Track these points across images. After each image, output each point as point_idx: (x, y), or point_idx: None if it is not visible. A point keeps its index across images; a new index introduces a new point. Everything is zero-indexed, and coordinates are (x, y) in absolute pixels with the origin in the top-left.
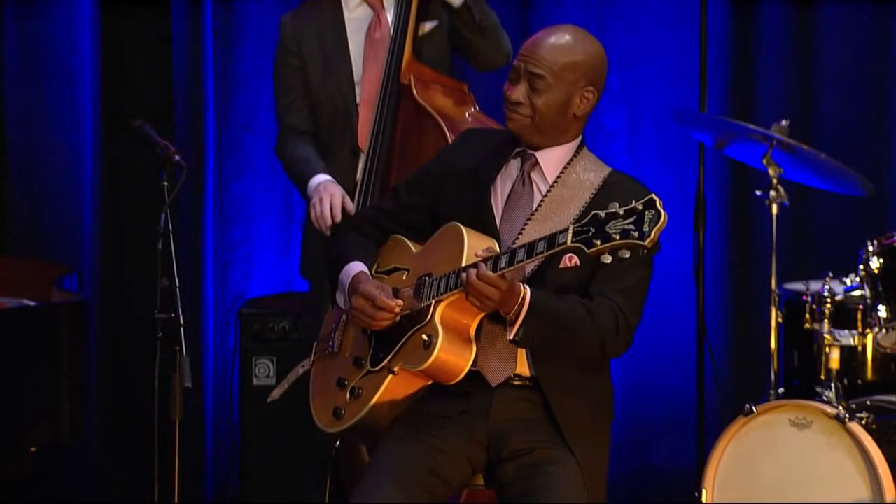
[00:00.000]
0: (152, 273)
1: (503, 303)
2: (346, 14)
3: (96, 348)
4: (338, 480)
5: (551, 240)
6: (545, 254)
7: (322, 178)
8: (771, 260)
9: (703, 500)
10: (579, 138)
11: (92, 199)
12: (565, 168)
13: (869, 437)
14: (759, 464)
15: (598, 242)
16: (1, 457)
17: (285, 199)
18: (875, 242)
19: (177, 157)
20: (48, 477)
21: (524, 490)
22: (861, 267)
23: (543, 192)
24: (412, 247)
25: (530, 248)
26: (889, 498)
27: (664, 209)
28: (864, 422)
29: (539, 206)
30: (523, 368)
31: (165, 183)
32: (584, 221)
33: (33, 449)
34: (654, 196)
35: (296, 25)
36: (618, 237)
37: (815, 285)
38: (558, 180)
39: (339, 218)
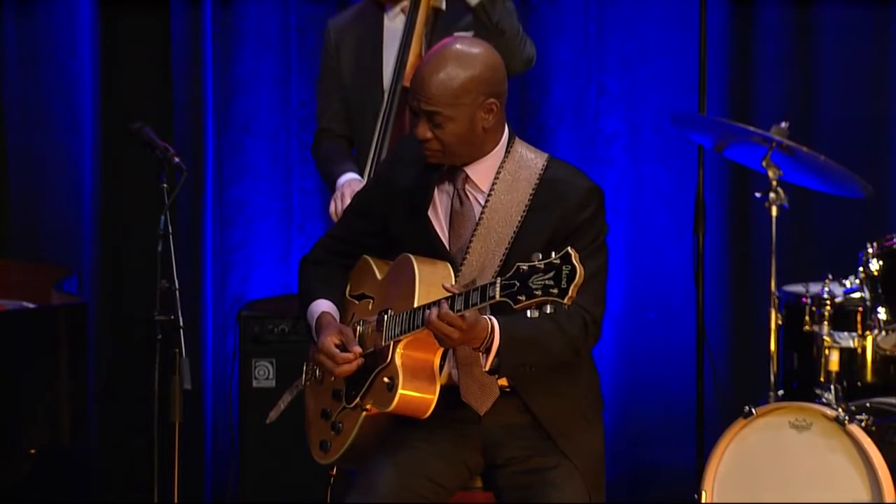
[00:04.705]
0: (152, 275)
1: (467, 340)
2: (386, 23)
3: (96, 350)
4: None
5: (483, 292)
6: (479, 305)
7: (349, 176)
8: (770, 262)
9: (703, 501)
10: (504, 137)
11: (92, 200)
12: (498, 173)
13: (868, 440)
14: (758, 466)
15: (523, 298)
16: (0, 458)
17: (284, 202)
18: (874, 244)
19: (176, 160)
20: (48, 479)
21: (524, 494)
22: (860, 269)
23: (482, 202)
24: (377, 272)
25: (466, 298)
26: (888, 500)
27: (580, 263)
28: (863, 424)
29: (480, 218)
30: (503, 380)
31: (165, 185)
32: (508, 275)
33: (33, 451)
34: (569, 250)
35: (338, 27)
36: (539, 293)
37: (814, 287)
38: (494, 187)
39: None
